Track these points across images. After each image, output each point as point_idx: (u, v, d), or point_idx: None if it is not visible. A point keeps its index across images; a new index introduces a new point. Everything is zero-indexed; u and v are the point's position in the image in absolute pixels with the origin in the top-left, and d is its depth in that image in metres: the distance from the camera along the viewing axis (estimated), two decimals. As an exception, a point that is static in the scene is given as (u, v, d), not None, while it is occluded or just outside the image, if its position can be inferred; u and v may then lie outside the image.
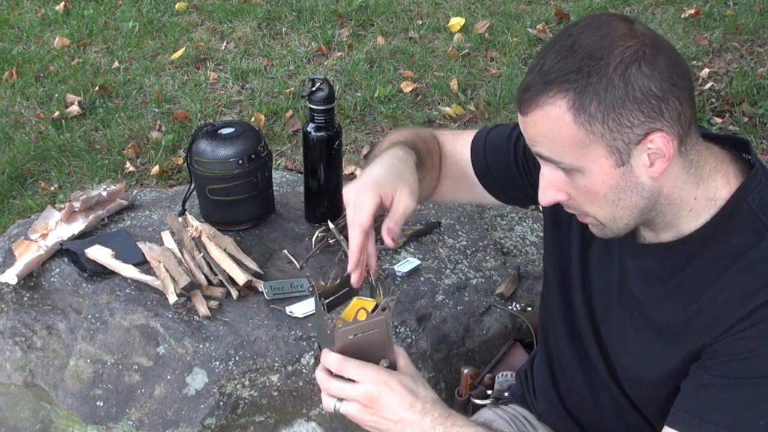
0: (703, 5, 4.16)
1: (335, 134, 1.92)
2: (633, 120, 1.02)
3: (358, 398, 1.14)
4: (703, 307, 1.10)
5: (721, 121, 3.30)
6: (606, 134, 1.03)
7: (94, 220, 2.00)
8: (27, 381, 1.74)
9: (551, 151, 1.08)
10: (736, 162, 1.14)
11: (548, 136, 1.06)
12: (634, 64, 1.01)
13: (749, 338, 1.05)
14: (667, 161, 1.05)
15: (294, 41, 4.14)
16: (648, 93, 1.01)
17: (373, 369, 1.14)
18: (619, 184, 1.07)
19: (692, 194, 1.11)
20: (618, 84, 1.01)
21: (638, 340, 1.19)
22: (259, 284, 1.81)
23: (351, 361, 1.14)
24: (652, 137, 1.03)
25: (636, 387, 1.24)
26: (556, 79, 1.03)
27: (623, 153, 1.05)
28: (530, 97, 1.05)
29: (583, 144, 1.04)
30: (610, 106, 1.01)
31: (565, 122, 1.03)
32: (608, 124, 1.02)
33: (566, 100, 1.02)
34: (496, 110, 3.49)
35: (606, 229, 1.15)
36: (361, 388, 1.14)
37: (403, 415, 1.14)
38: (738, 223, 1.10)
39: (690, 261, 1.13)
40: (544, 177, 1.13)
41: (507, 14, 4.24)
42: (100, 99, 3.75)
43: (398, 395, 1.13)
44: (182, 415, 1.64)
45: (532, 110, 1.06)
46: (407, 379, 1.15)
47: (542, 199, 1.14)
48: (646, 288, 1.18)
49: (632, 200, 1.09)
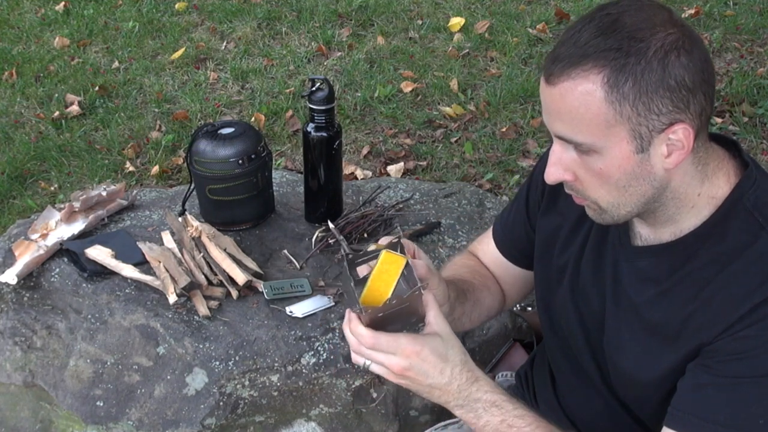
0: (703, 5, 4.16)
1: (335, 134, 1.92)
2: (662, 108, 1.02)
3: (390, 368, 1.14)
4: (700, 306, 1.10)
5: (721, 121, 3.30)
6: (633, 117, 1.02)
7: (94, 220, 2.00)
8: (27, 381, 1.74)
9: (572, 127, 1.05)
10: (733, 160, 1.15)
11: (574, 111, 1.04)
12: (674, 52, 1.01)
13: (748, 337, 1.05)
14: (685, 154, 1.05)
15: (294, 41, 4.14)
16: (681, 83, 1.01)
17: (406, 340, 1.13)
18: (634, 171, 1.07)
19: (697, 190, 1.11)
20: (656, 68, 1.00)
21: (633, 341, 1.19)
22: (259, 284, 1.81)
23: (382, 336, 1.13)
24: (675, 128, 1.03)
25: (631, 389, 1.24)
26: (594, 54, 1.01)
27: (644, 140, 1.04)
28: (563, 67, 1.03)
29: (608, 124, 1.03)
30: (644, 90, 1.01)
31: (596, 98, 1.02)
32: (637, 108, 1.02)
33: (601, 75, 1.01)
34: (496, 110, 3.49)
35: (605, 215, 1.14)
36: (393, 359, 1.14)
37: (432, 381, 1.15)
38: (734, 223, 1.10)
39: (686, 261, 1.13)
40: (555, 154, 1.11)
41: (507, 14, 4.25)
42: (100, 99, 3.75)
43: (429, 364, 1.14)
44: (182, 415, 1.64)
45: (563, 81, 1.03)
46: (437, 343, 1.14)
47: (548, 175, 1.13)
48: (641, 289, 1.18)
49: (641, 189, 1.09)
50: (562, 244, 1.32)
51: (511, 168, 3.13)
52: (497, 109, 3.49)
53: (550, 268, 1.35)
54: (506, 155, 3.21)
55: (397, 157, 3.22)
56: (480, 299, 1.44)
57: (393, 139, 3.34)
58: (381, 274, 1.17)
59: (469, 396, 1.16)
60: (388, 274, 1.16)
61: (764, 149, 3.13)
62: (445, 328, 1.16)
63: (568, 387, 1.40)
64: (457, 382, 1.15)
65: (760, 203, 1.10)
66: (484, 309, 1.46)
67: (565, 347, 1.35)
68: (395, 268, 1.17)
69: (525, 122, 3.40)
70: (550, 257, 1.35)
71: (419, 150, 3.26)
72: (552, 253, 1.34)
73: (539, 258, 1.38)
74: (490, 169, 3.13)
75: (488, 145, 3.27)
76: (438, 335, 1.15)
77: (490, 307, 1.48)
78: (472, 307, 1.42)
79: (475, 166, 3.16)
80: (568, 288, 1.31)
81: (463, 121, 3.44)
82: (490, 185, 3.02)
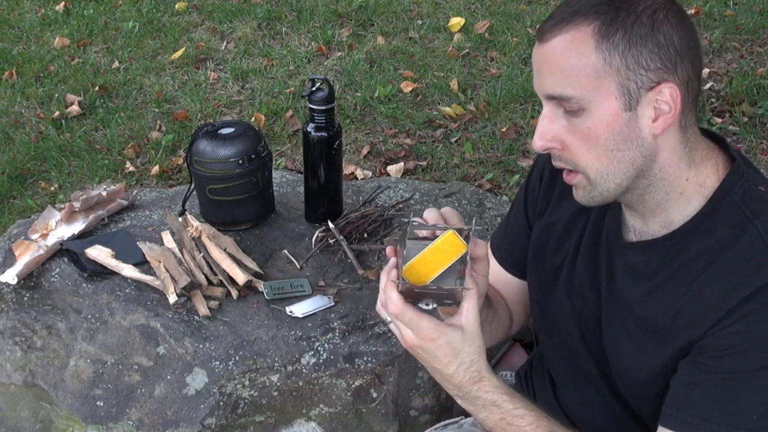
0: (703, 5, 4.16)
1: (335, 134, 1.92)
2: (650, 63, 1.04)
3: (404, 338, 1.15)
4: (690, 301, 1.10)
5: (721, 121, 3.30)
6: (622, 70, 1.04)
7: (94, 220, 2.00)
8: (27, 381, 1.74)
9: (561, 80, 1.07)
10: (722, 153, 1.16)
11: (564, 63, 1.06)
12: (663, 10, 1.04)
13: (738, 332, 1.05)
14: (672, 118, 1.06)
15: (294, 41, 4.14)
16: (669, 42, 1.04)
17: (427, 323, 1.12)
18: (622, 131, 1.07)
19: (684, 175, 1.12)
20: (645, 22, 1.04)
21: (629, 339, 1.19)
22: (259, 284, 1.81)
23: (408, 311, 1.12)
24: (662, 87, 1.05)
25: (629, 387, 1.24)
26: (584, 9, 1.05)
27: (633, 96, 1.05)
28: (554, 23, 1.07)
29: (597, 75, 1.05)
30: (633, 41, 1.03)
31: (587, 47, 1.04)
32: (626, 59, 1.04)
33: (592, 26, 1.04)
34: (496, 110, 3.49)
35: (594, 191, 1.13)
36: (409, 333, 1.13)
37: (438, 366, 1.15)
38: (722, 217, 1.10)
39: (675, 256, 1.13)
40: (544, 121, 1.11)
41: (507, 14, 4.24)
42: (100, 99, 3.74)
43: (440, 351, 1.13)
44: (182, 415, 1.64)
45: (555, 35, 1.06)
46: (456, 336, 1.13)
47: (536, 142, 1.13)
48: (634, 286, 1.18)
49: (630, 154, 1.09)
50: (556, 243, 1.32)
51: (511, 168, 3.13)
52: (497, 109, 3.49)
53: (544, 268, 1.35)
54: (506, 155, 3.21)
55: (397, 157, 3.22)
56: (498, 311, 1.44)
57: (393, 139, 3.34)
58: (437, 252, 1.12)
59: (468, 393, 1.16)
60: (444, 254, 1.12)
61: (764, 149, 3.13)
62: (471, 324, 1.14)
63: (567, 387, 1.40)
64: (460, 378, 1.15)
65: (747, 197, 1.11)
66: (501, 324, 1.46)
67: (563, 347, 1.35)
68: (453, 252, 1.12)
69: (525, 122, 3.40)
70: (543, 256, 1.35)
71: (419, 150, 3.26)
72: (545, 252, 1.34)
73: (533, 257, 1.38)
74: (490, 169, 3.13)
75: (488, 145, 3.27)
76: (460, 329, 1.13)
77: (504, 324, 1.48)
78: (493, 316, 1.41)
79: (475, 166, 3.16)
80: (564, 288, 1.31)
81: (463, 121, 3.43)
82: (490, 185, 3.02)
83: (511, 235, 1.45)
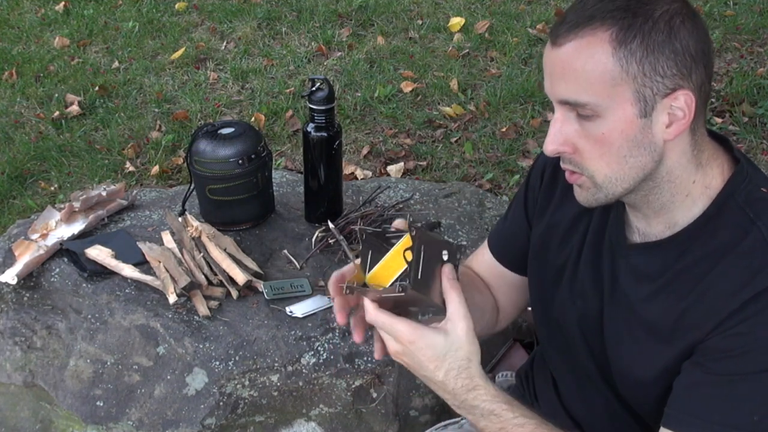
0: (703, 5, 4.16)
1: (335, 134, 1.92)
2: (666, 70, 1.03)
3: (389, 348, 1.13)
4: (693, 303, 1.10)
5: (721, 121, 3.30)
6: (638, 77, 1.03)
7: (94, 220, 2.00)
8: (27, 381, 1.74)
9: (576, 86, 1.05)
10: (726, 154, 1.16)
11: (579, 69, 1.04)
12: (679, 16, 1.03)
13: (740, 334, 1.05)
14: (685, 125, 1.06)
15: (294, 41, 4.14)
16: (686, 48, 1.03)
17: (403, 327, 1.10)
18: (636, 137, 1.06)
19: (692, 177, 1.11)
20: (663, 29, 1.02)
21: (631, 339, 1.19)
22: (259, 284, 1.81)
23: (381, 316, 1.10)
24: (677, 94, 1.04)
25: (631, 388, 1.23)
26: (601, 15, 1.03)
27: (648, 103, 1.04)
28: (569, 27, 1.04)
29: (614, 82, 1.03)
30: (651, 48, 1.02)
31: (603, 53, 1.02)
32: (644, 66, 1.02)
33: (610, 32, 1.02)
34: (496, 110, 3.49)
35: (599, 193, 1.12)
36: (391, 341, 1.12)
37: (427, 374, 1.13)
38: (726, 218, 1.10)
39: (678, 258, 1.13)
40: (556, 125, 1.09)
41: (507, 14, 4.25)
42: (100, 99, 3.74)
43: (424, 356, 1.11)
44: (182, 415, 1.64)
45: (570, 40, 1.04)
46: (437, 340, 1.11)
47: (548, 146, 1.11)
48: (637, 287, 1.18)
49: (642, 160, 1.08)
50: (559, 243, 1.32)
51: (511, 168, 3.13)
52: (497, 109, 3.49)
53: (546, 268, 1.34)
54: (506, 155, 3.21)
55: (397, 157, 3.22)
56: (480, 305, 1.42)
57: (393, 139, 3.34)
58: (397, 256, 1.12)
59: (465, 401, 1.14)
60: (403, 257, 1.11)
61: (764, 149, 3.13)
62: (456, 329, 1.12)
63: (569, 387, 1.40)
64: (452, 386, 1.13)
65: (751, 198, 1.10)
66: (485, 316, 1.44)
67: (564, 347, 1.35)
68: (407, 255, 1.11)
69: (525, 122, 3.40)
70: (546, 256, 1.34)
71: (419, 150, 3.26)
72: (548, 252, 1.34)
73: (534, 256, 1.38)
74: (490, 169, 3.13)
75: (488, 145, 3.27)
76: (444, 333, 1.11)
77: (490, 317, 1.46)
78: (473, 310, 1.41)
79: (475, 166, 3.16)
80: (567, 288, 1.30)
81: (463, 121, 3.44)
82: (490, 185, 3.02)
83: (509, 232, 1.45)
